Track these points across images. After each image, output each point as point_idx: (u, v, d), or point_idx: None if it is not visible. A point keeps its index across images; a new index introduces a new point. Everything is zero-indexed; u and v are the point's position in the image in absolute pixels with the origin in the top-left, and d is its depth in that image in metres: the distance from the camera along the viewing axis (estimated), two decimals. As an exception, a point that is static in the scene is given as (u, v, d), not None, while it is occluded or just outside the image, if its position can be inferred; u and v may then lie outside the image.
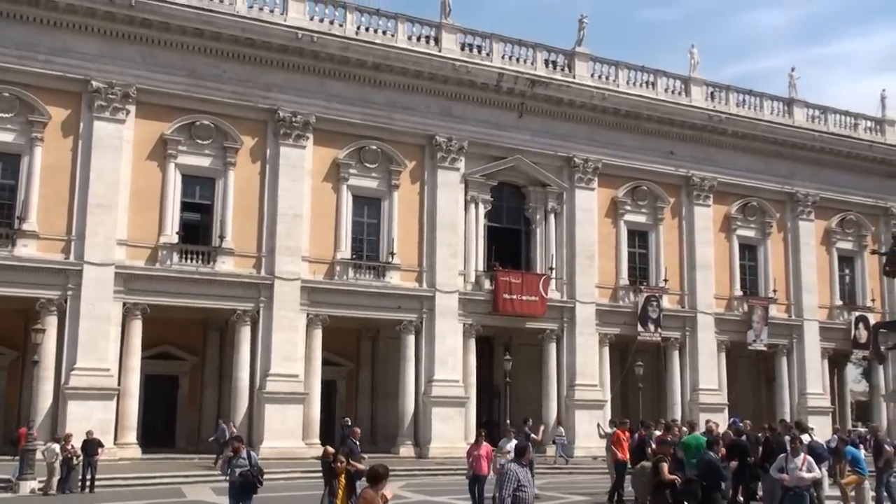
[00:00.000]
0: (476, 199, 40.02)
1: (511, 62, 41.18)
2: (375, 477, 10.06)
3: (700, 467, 14.73)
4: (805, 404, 45.26)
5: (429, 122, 39.00)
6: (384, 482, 10.16)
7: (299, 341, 35.61)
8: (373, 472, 10.13)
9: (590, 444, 36.86)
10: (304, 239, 36.29)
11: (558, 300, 40.86)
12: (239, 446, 16.82)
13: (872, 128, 50.94)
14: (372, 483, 10.04)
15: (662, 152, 44.00)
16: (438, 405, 37.06)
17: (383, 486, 10.12)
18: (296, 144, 36.42)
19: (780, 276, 46.80)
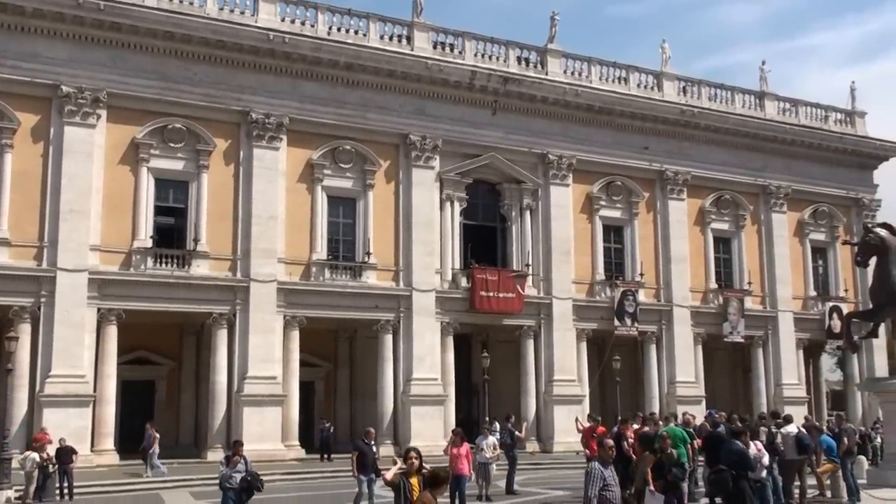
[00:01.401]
0: (451, 198, 40.07)
1: (484, 60, 41.25)
2: (436, 481, 9.66)
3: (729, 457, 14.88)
4: (781, 394, 45.68)
5: (403, 121, 39.00)
6: (445, 486, 9.93)
7: (276, 343, 35.54)
8: (434, 475, 9.73)
9: (569, 439, 36.99)
10: (279, 240, 36.21)
11: (535, 296, 41.01)
12: (239, 450, 16.42)
13: (843, 120, 51.44)
14: (432, 487, 9.63)
15: (636, 147, 44.23)
16: (417, 404, 37.11)
17: (443, 490, 9.83)
18: (269, 146, 36.32)
19: (755, 268, 47.19)
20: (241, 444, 16.96)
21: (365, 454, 19.21)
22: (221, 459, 16.50)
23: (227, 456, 16.49)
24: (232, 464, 16.05)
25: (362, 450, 19.34)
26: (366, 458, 19.13)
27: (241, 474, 15.85)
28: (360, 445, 19.72)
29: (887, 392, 24.24)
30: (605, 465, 11.73)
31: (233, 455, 16.26)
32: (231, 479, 15.86)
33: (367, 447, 19.70)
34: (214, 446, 34.11)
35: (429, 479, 9.76)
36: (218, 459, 33.10)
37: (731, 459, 14.76)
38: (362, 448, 19.44)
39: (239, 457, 16.11)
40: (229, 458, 16.24)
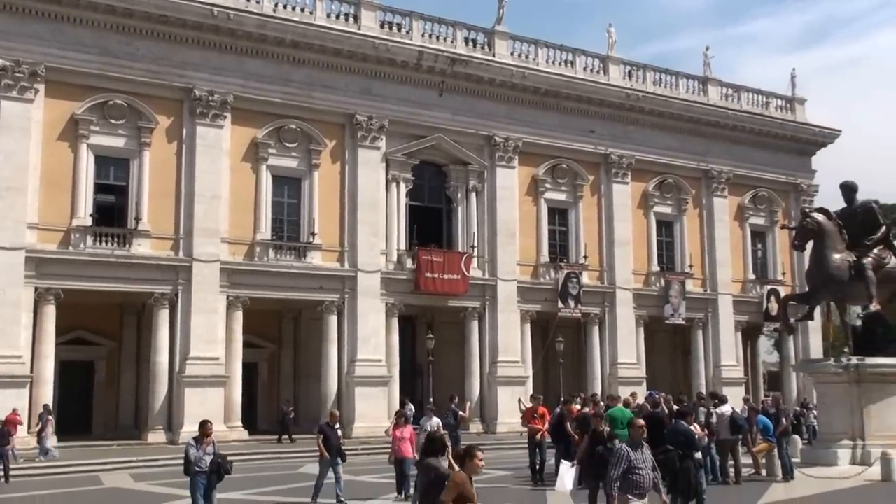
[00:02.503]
0: (397, 178, 39.96)
1: (431, 40, 41.11)
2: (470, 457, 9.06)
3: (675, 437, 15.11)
4: (720, 376, 46.59)
5: (349, 101, 38.73)
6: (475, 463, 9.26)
7: (219, 324, 35.21)
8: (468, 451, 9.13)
9: (512, 419, 37.29)
10: (222, 220, 35.80)
11: (480, 278, 41.17)
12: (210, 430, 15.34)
13: (783, 106, 52.34)
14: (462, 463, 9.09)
15: (582, 130, 44.53)
16: (361, 385, 37.09)
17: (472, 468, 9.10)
18: (213, 124, 35.82)
19: (696, 251, 47.95)
20: (210, 423, 15.86)
21: (329, 438, 18.63)
22: (190, 440, 15.39)
23: (197, 436, 15.33)
24: (203, 445, 15.08)
25: (326, 434, 18.77)
26: (330, 441, 18.57)
27: (210, 456, 14.94)
28: (324, 429, 19.12)
29: (821, 373, 24.93)
30: (635, 446, 10.96)
31: (203, 435, 15.24)
32: (202, 462, 14.94)
33: (332, 431, 18.98)
34: (155, 428, 33.78)
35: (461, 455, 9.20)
36: (158, 441, 33.04)
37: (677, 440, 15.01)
38: (326, 432, 18.86)
39: (210, 437, 15.22)
40: (200, 439, 15.18)
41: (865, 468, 20.83)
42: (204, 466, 14.85)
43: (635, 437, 11.15)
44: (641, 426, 11.39)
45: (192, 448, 15.07)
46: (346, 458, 19.28)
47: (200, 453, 14.98)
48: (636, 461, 10.70)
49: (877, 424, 22.43)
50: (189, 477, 15.04)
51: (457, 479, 8.74)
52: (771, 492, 19.06)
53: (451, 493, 8.58)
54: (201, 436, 15.14)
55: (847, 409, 22.85)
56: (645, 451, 10.96)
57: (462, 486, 8.64)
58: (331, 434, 18.71)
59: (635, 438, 11.13)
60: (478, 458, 8.91)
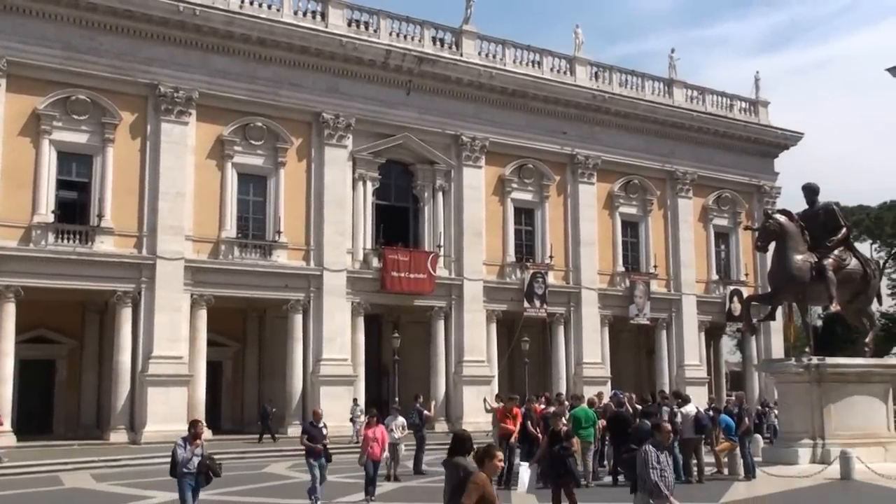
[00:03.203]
0: (364, 177, 39.86)
1: (399, 39, 41.06)
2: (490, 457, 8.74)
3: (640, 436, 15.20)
4: (683, 375, 46.98)
5: (316, 99, 38.56)
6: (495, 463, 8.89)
7: (183, 322, 34.90)
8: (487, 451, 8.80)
9: (478, 419, 37.27)
10: (187, 218, 35.49)
11: (446, 277, 41.18)
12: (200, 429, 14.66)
13: (747, 109, 52.89)
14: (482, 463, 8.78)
15: (548, 130, 44.68)
16: (327, 384, 36.92)
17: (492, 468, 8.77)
18: (178, 121, 35.50)
19: (661, 252, 48.31)
20: (201, 422, 15.25)
21: (314, 437, 17.95)
22: (178, 440, 14.49)
23: (186, 436, 14.50)
24: (194, 445, 14.33)
25: (310, 433, 18.14)
26: (315, 441, 17.91)
27: (199, 457, 14.22)
28: (308, 428, 18.50)
29: (782, 373, 25.25)
30: (661, 448, 10.91)
31: (194, 436, 14.46)
32: (190, 463, 14.14)
33: (317, 429, 18.28)
34: (117, 427, 33.43)
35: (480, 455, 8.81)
36: (120, 441, 32.67)
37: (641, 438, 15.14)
38: (310, 431, 18.24)
39: (200, 437, 14.50)
40: (189, 439, 14.40)
41: (825, 467, 21.11)
42: (192, 468, 14.14)
43: (662, 441, 11.08)
44: (668, 431, 11.40)
45: (180, 448, 14.26)
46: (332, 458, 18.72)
47: (189, 454, 14.23)
48: (662, 463, 10.69)
49: (836, 423, 22.75)
50: (176, 478, 14.29)
51: (478, 480, 8.48)
52: (733, 490, 19.26)
53: (473, 495, 8.29)
54: (191, 436, 14.40)
55: (807, 409, 23.15)
56: (667, 454, 11.00)
57: (484, 488, 8.37)
58: (315, 433, 18.13)
59: (661, 442, 11.06)
60: (497, 459, 8.68)
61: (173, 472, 14.37)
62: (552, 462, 14.63)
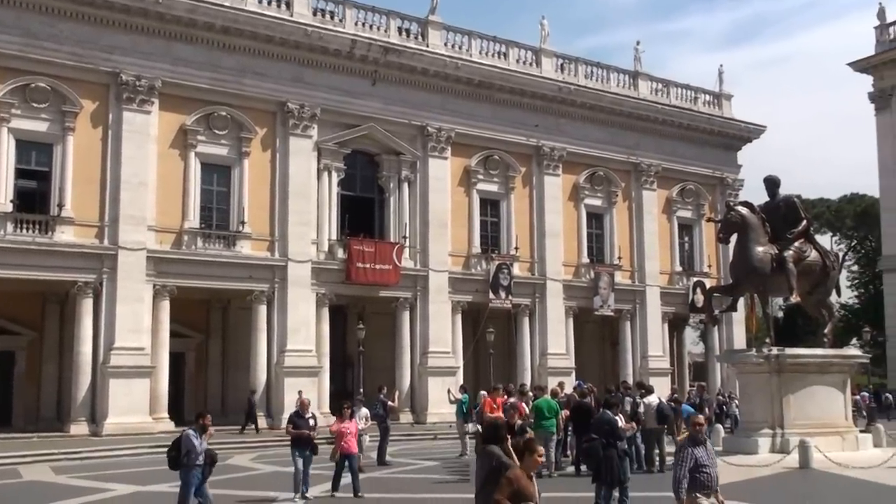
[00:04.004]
0: (329, 168, 39.67)
1: (364, 29, 40.86)
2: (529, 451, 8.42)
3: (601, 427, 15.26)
4: (647, 366, 47.35)
5: (280, 89, 38.28)
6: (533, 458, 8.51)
7: (145, 313, 34.57)
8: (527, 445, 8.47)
9: (442, 410, 37.36)
10: (149, 207, 35.11)
11: (412, 269, 41.13)
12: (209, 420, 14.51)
13: (711, 102, 53.30)
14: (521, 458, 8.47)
15: (514, 122, 44.73)
16: (291, 375, 36.74)
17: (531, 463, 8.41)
18: (140, 109, 35.08)
19: (625, 243, 48.60)
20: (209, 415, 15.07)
21: (300, 428, 17.41)
22: (190, 431, 14.20)
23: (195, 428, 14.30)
24: (206, 436, 14.23)
25: (297, 424, 17.49)
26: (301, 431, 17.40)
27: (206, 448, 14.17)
28: (293, 419, 17.76)
29: (743, 363, 25.53)
30: (696, 443, 10.37)
31: (204, 427, 14.32)
32: (201, 455, 14.03)
33: (304, 420, 17.70)
34: (78, 420, 33.04)
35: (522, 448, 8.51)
36: (81, 433, 32.28)
37: (602, 429, 15.23)
38: (296, 422, 17.55)
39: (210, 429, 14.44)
40: (200, 430, 14.21)
41: (784, 456, 21.38)
42: (201, 459, 14.06)
43: (696, 435, 10.53)
44: (700, 423, 10.82)
45: (195, 439, 14.11)
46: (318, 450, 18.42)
47: (203, 444, 14.20)
48: (702, 458, 10.22)
49: (796, 413, 23.05)
50: (178, 470, 14.13)
51: (511, 476, 8.09)
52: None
53: (505, 490, 7.96)
54: (201, 427, 14.30)
55: (768, 399, 23.43)
56: (708, 447, 10.51)
57: (518, 483, 8.03)
58: (302, 424, 17.56)
59: (696, 436, 10.51)
60: (538, 454, 8.28)
61: (176, 465, 14.19)
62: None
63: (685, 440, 10.46)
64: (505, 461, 9.70)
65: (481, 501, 9.73)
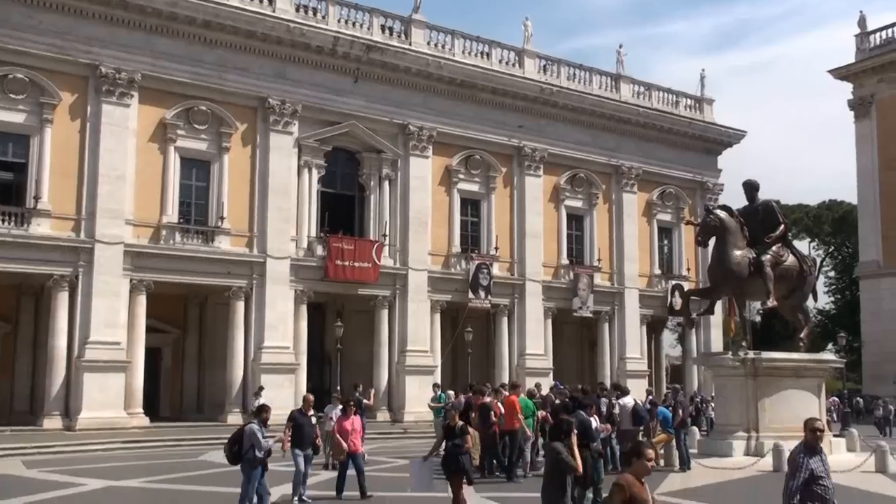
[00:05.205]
0: (309, 164, 39.51)
1: (347, 26, 40.73)
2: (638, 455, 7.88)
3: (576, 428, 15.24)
4: (624, 368, 47.48)
5: (262, 84, 38.11)
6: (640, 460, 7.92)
7: (122, 307, 34.30)
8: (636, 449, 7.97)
9: (419, 408, 37.33)
10: (127, 201, 34.84)
11: (391, 267, 41.05)
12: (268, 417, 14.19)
13: (692, 106, 53.52)
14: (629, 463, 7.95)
15: (496, 122, 44.74)
16: (268, 372, 36.52)
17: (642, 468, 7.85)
18: (119, 102, 34.81)
19: (605, 245, 48.70)
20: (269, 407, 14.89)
21: (301, 426, 16.49)
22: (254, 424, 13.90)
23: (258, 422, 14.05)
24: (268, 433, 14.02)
25: (298, 421, 16.56)
26: (302, 430, 16.44)
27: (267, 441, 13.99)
28: (295, 416, 16.85)
29: (719, 367, 25.65)
30: (813, 452, 9.25)
31: (266, 420, 14.08)
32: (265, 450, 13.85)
33: (306, 419, 16.88)
34: (52, 414, 32.72)
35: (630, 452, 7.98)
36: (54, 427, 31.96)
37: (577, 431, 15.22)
38: (298, 420, 16.63)
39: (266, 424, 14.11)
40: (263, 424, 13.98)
41: (758, 459, 21.50)
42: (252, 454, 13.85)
43: (812, 442, 9.39)
44: (820, 428, 9.55)
45: (259, 432, 13.85)
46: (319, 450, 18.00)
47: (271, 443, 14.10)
48: (818, 470, 9.12)
49: (770, 417, 23.20)
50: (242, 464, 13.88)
51: (623, 482, 7.63)
52: (668, 481, 19.49)
53: (617, 498, 7.55)
54: (264, 421, 14.11)
55: (743, 402, 23.56)
56: (824, 457, 9.38)
57: (631, 489, 7.58)
58: (304, 422, 16.66)
59: (811, 444, 9.37)
60: (647, 457, 7.78)
61: (238, 459, 13.99)
62: (446, 457, 14.46)
63: (799, 447, 9.35)
64: (565, 458, 9.87)
65: (545, 496, 10.04)
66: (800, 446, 9.35)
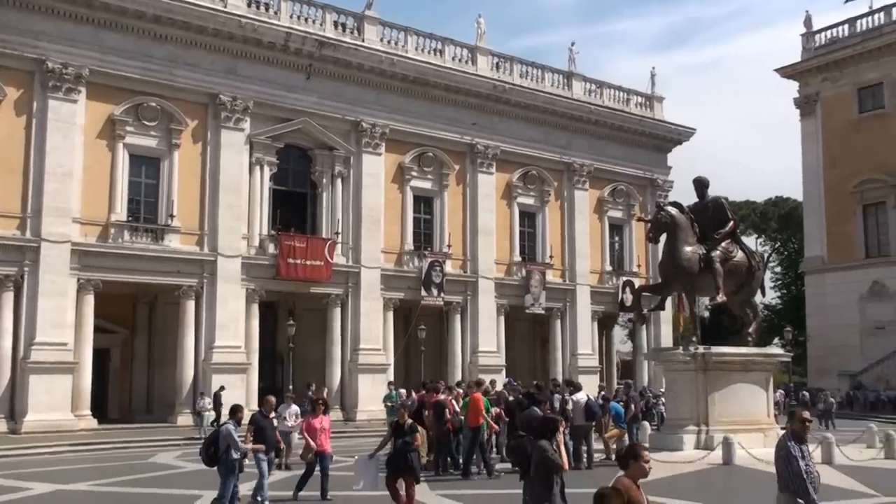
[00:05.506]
0: (261, 162, 39.16)
1: (300, 22, 40.44)
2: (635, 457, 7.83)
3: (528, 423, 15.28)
4: (576, 364, 47.81)
5: (213, 80, 37.66)
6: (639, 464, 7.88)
7: (69, 308, 33.68)
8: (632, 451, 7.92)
9: (372, 407, 37.26)
10: (74, 199, 34.21)
11: (344, 265, 40.86)
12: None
13: (643, 103, 54.03)
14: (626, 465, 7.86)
15: (449, 119, 44.74)
16: (219, 372, 36.12)
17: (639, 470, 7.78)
18: (66, 98, 34.16)
19: (557, 242, 48.98)
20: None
21: (264, 429, 16.04)
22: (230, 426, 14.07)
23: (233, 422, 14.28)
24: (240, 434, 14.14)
25: (260, 424, 16.04)
26: (265, 433, 16.00)
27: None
28: (257, 419, 16.22)
29: (670, 361, 25.95)
30: (801, 441, 9.60)
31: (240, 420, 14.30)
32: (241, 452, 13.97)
33: (267, 421, 16.50)
34: (-5, 416, 32.06)
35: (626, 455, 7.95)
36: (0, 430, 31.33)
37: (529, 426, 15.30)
38: (260, 422, 16.08)
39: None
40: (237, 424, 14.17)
41: (708, 452, 21.81)
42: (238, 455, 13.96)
43: (800, 432, 9.70)
44: (808, 419, 9.94)
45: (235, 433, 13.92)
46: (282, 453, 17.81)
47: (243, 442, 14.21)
48: (807, 458, 9.50)
49: (720, 410, 23.53)
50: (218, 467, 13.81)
51: (621, 486, 7.55)
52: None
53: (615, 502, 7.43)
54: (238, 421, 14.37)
55: (693, 396, 23.86)
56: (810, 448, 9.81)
57: (629, 493, 7.50)
58: (266, 425, 16.23)
59: (800, 433, 9.69)
60: (644, 459, 7.74)
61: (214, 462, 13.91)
62: (394, 455, 14.41)
63: (788, 437, 9.62)
64: (551, 456, 10.01)
65: (531, 494, 10.10)
66: (787, 436, 9.60)
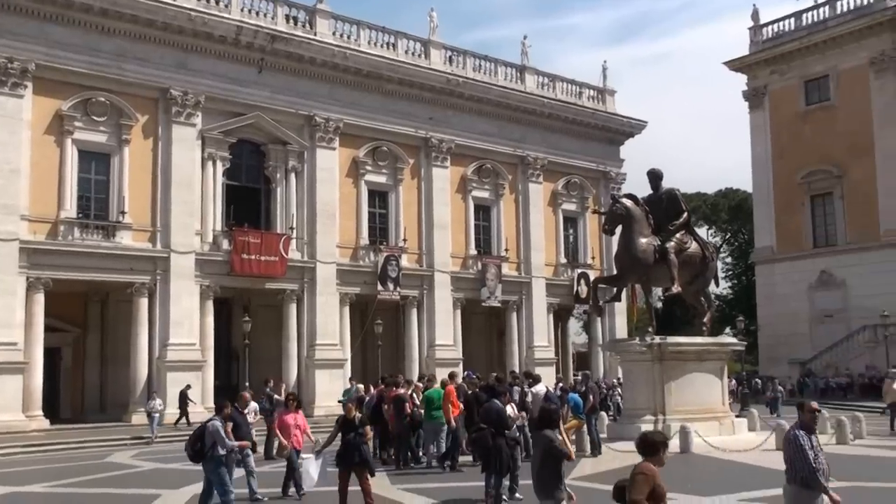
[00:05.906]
0: (214, 157, 38.72)
1: (251, 15, 40.04)
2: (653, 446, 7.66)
3: (489, 416, 15.27)
4: (532, 356, 48.08)
5: (163, 75, 37.13)
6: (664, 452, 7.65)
7: (18, 307, 33.00)
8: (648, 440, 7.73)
9: (330, 402, 37.09)
10: (22, 196, 33.53)
11: (299, 260, 40.61)
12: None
13: (595, 97, 54.41)
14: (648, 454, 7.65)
15: (403, 113, 44.64)
16: (174, 370, 35.75)
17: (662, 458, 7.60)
18: (12, 93, 33.44)
19: (512, 235, 49.17)
20: None
21: (240, 426, 15.60)
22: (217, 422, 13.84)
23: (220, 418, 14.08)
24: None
25: (237, 421, 15.67)
26: (241, 430, 15.58)
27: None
28: (233, 416, 15.59)
29: (626, 352, 26.20)
30: (810, 431, 9.56)
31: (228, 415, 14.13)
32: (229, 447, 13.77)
33: (242, 417, 16.27)
34: (-55, 418, 31.35)
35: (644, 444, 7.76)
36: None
37: (490, 418, 15.32)
38: (236, 419, 15.61)
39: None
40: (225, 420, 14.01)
41: (666, 441, 22.00)
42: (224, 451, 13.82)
43: (809, 423, 9.68)
44: (816, 409, 9.90)
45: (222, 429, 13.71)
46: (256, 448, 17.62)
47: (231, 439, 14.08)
48: (816, 448, 9.43)
49: (676, 400, 23.80)
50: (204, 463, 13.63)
51: (647, 471, 7.34)
52: (580, 466, 19.80)
53: (643, 489, 7.23)
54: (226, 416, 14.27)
55: (650, 386, 24.10)
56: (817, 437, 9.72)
57: (655, 479, 7.30)
58: (241, 421, 15.90)
59: (809, 424, 9.67)
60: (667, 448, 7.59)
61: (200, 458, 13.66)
62: (346, 450, 14.40)
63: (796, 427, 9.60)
64: (558, 445, 10.01)
65: (539, 484, 10.04)
66: (796, 427, 9.58)
